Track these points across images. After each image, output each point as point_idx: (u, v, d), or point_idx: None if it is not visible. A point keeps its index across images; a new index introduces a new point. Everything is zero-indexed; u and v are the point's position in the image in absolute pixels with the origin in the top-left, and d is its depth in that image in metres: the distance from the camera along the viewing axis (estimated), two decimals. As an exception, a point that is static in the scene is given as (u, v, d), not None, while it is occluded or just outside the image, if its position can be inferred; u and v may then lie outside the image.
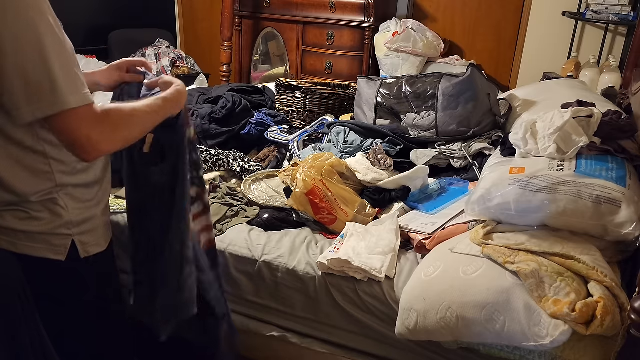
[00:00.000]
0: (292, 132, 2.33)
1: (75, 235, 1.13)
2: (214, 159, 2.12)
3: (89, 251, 1.16)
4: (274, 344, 1.69)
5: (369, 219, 1.77)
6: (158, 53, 3.92)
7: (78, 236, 1.13)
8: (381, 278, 1.50)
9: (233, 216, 1.83)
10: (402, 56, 3.48)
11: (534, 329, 1.19)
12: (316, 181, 1.73)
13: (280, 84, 2.56)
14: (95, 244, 1.18)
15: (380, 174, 1.87)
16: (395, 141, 2.08)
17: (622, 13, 3.09)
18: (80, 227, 1.13)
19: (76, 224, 1.13)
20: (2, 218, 1.06)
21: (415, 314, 1.34)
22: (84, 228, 1.14)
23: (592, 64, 3.13)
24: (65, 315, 1.17)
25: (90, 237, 1.17)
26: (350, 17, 3.56)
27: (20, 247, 1.07)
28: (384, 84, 2.26)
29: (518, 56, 3.63)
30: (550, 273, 1.23)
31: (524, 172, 1.43)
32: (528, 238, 1.35)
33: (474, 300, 1.26)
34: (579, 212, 1.32)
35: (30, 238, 1.08)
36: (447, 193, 1.87)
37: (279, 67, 4.10)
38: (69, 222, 1.11)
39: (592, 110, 1.54)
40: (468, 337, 1.29)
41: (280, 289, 1.64)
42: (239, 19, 3.98)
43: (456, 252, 1.42)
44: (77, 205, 1.12)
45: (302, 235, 1.73)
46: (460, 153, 2.03)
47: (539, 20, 3.49)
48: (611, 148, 1.48)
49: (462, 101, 2.05)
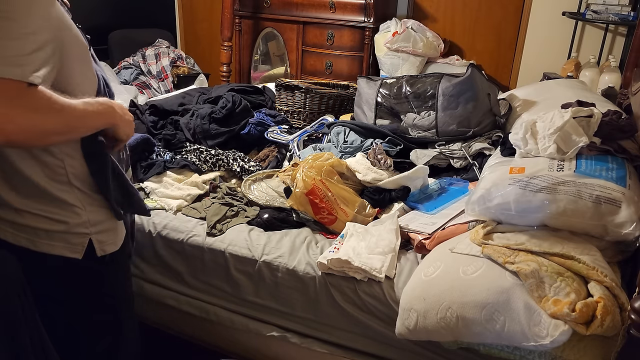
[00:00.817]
0: (292, 132, 2.33)
1: (93, 234, 1.15)
2: (214, 159, 2.12)
3: (106, 250, 1.19)
4: (274, 344, 1.69)
5: (369, 219, 1.77)
6: (158, 53, 3.91)
7: (95, 235, 1.15)
8: (381, 278, 1.50)
9: (233, 216, 1.83)
10: (402, 56, 3.48)
11: (534, 329, 1.19)
12: (316, 181, 1.73)
13: (280, 84, 2.56)
14: (112, 242, 1.21)
15: (380, 174, 1.87)
16: (395, 141, 2.08)
17: (622, 13, 3.09)
18: (97, 226, 1.16)
19: (93, 223, 1.15)
20: (22, 216, 1.08)
21: (415, 314, 1.34)
22: (100, 227, 1.17)
23: (592, 64, 3.13)
24: (76, 313, 1.19)
25: (107, 236, 1.19)
26: (350, 17, 3.56)
27: (40, 245, 1.09)
28: (384, 84, 2.26)
29: (518, 56, 3.63)
30: (550, 273, 1.23)
31: (524, 172, 1.43)
32: (528, 238, 1.35)
33: (474, 300, 1.26)
34: (579, 212, 1.32)
35: (50, 236, 1.10)
36: (447, 193, 1.87)
37: (279, 67, 4.10)
38: (87, 221, 1.13)
39: (592, 110, 1.54)
40: (468, 337, 1.29)
41: (280, 289, 1.64)
42: (239, 19, 3.98)
43: (456, 252, 1.42)
44: (93, 205, 1.15)
45: (302, 235, 1.73)
46: (460, 153, 2.03)
47: (539, 20, 3.49)
48: (611, 148, 1.48)
49: (462, 101, 2.05)
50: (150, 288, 1.82)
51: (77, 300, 1.18)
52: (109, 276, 1.23)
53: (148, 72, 3.85)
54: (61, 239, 1.11)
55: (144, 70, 3.85)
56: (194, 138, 2.28)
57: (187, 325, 1.82)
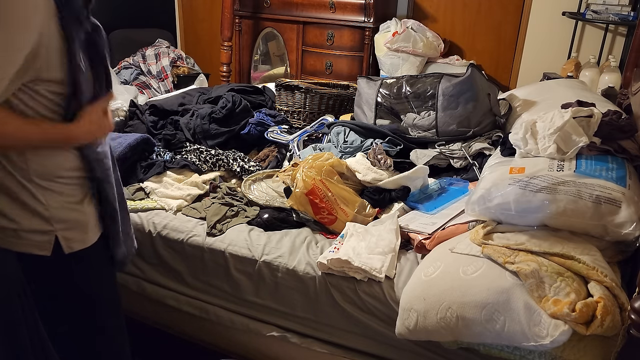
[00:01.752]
0: (292, 132, 2.33)
1: (58, 231, 1.13)
2: (214, 159, 2.12)
3: (73, 247, 1.16)
4: (274, 344, 1.69)
5: (369, 219, 1.77)
6: (158, 53, 3.91)
7: (61, 232, 1.13)
8: (381, 278, 1.50)
9: (233, 216, 1.83)
10: (402, 56, 3.48)
11: (534, 329, 1.19)
12: (316, 181, 1.73)
13: (280, 84, 2.56)
14: (80, 240, 1.17)
15: (380, 174, 1.87)
16: (395, 141, 2.08)
17: (622, 13, 3.09)
18: (62, 223, 1.13)
19: (58, 220, 1.12)
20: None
21: (415, 314, 1.34)
22: (67, 224, 1.14)
23: (592, 64, 3.13)
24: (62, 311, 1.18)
25: (74, 233, 1.16)
26: (350, 17, 3.56)
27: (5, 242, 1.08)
28: (384, 84, 2.26)
29: (518, 56, 3.63)
30: (550, 273, 1.23)
31: (524, 172, 1.43)
32: (528, 238, 1.35)
33: (474, 300, 1.26)
34: (579, 212, 1.32)
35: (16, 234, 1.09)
36: (447, 193, 1.87)
37: (279, 67, 4.10)
38: (50, 217, 1.11)
39: (592, 110, 1.54)
40: (468, 337, 1.29)
41: (280, 289, 1.64)
42: (239, 19, 3.98)
43: (456, 252, 1.42)
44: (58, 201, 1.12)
45: (302, 235, 1.73)
46: (460, 153, 2.03)
47: (539, 20, 3.49)
48: (611, 148, 1.48)
49: (462, 101, 2.06)
50: (150, 288, 1.82)
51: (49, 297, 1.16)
52: (78, 274, 1.20)
53: (148, 72, 3.85)
54: (26, 237, 1.10)
55: (144, 70, 3.85)
56: (194, 138, 2.28)
57: (187, 325, 1.82)
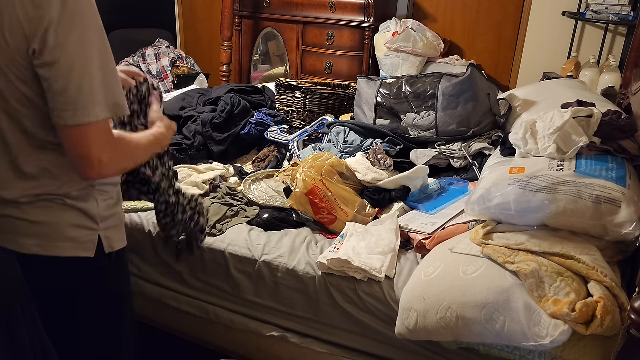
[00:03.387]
0: (292, 132, 2.33)
1: (101, 230, 1.15)
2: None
3: (114, 247, 1.19)
4: (274, 344, 1.69)
5: (369, 219, 1.77)
6: (158, 53, 3.91)
7: (104, 231, 1.16)
8: (381, 278, 1.50)
9: (233, 216, 1.83)
10: (402, 56, 3.48)
11: (534, 329, 1.19)
12: (316, 181, 1.73)
13: (280, 84, 2.56)
14: (120, 239, 1.22)
15: (380, 174, 1.87)
16: (395, 141, 2.08)
17: (622, 13, 3.09)
18: (106, 222, 1.16)
19: (103, 219, 1.15)
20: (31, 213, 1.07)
21: (415, 314, 1.34)
22: (109, 224, 1.17)
23: (592, 64, 3.13)
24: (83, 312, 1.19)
25: (115, 233, 1.20)
26: (350, 17, 3.56)
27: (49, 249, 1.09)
28: (384, 84, 2.26)
29: (518, 56, 3.63)
30: (550, 273, 1.23)
31: (524, 172, 1.43)
32: (528, 238, 1.35)
33: (473, 300, 1.26)
34: (579, 212, 1.32)
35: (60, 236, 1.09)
36: (447, 193, 1.87)
37: (279, 67, 4.10)
38: (97, 216, 1.14)
39: (592, 110, 1.54)
40: (468, 337, 1.29)
41: (280, 289, 1.64)
42: (239, 19, 3.98)
43: (456, 252, 1.42)
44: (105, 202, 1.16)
45: (302, 235, 1.73)
46: (460, 153, 2.03)
47: (539, 20, 3.49)
48: (611, 148, 1.48)
49: (462, 101, 2.05)
50: (150, 288, 1.82)
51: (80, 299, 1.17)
52: (113, 273, 1.22)
53: (148, 72, 3.84)
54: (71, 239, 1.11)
55: (144, 70, 3.86)
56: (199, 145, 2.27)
57: (187, 325, 1.82)
